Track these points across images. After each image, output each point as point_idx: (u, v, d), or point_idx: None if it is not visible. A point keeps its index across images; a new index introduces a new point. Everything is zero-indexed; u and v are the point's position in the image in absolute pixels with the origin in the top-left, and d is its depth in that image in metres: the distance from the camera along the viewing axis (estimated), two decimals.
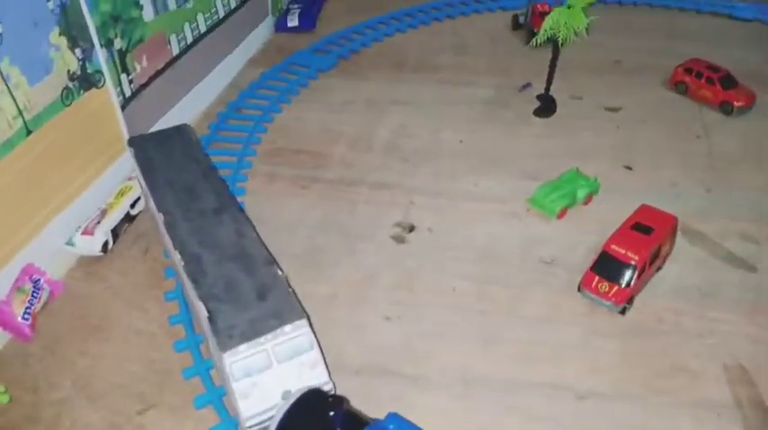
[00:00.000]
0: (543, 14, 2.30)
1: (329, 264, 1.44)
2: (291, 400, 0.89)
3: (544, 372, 1.20)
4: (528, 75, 2.13)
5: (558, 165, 1.66)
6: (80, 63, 1.47)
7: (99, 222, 1.47)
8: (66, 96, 1.44)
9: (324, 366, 1.03)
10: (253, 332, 1.02)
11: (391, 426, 0.85)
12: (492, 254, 1.45)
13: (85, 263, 1.46)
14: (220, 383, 1.16)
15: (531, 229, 1.52)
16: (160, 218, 1.25)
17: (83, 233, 1.45)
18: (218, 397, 1.14)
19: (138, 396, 1.17)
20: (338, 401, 0.80)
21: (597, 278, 1.30)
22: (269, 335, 1.01)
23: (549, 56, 1.86)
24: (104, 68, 1.55)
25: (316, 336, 1.05)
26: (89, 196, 1.52)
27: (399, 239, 1.51)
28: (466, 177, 1.69)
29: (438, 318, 1.30)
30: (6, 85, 1.26)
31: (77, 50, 1.46)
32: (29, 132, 1.33)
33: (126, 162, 1.64)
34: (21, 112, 1.31)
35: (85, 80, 1.50)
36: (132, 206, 1.56)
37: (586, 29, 1.71)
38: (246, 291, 1.09)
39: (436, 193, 1.64)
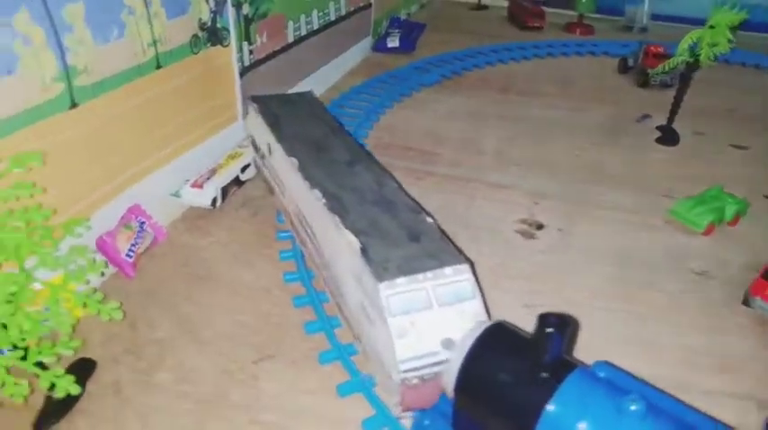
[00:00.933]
0: (657, 56, 2.26)
1: None
2: (475, 332, 0.74)
3: (716, 380, 1.02)
4: (642, 109, 2.06)
5: (694, 187, 1.53)
6: (211, 15, 1.43)
7: (209, 178, 1.38)
8: (195, 44, 1.38)
9: (487, 318, 0.88)
10: (410, 268, 0.88)
11: (602, 373, 0.69)
12: (635, 259, 1.31)
13: (191, 216, 1.36)
14: (353, 340, 1.01)
15: (675, 240, 1.38)
16: (292, 162, 1.15)
17: (192, 185, 1.35)
18: (346, 354, 1.00)
19: (252, 346, 1.03)
20: (560, 321, 0.65)
21: None
22: (429, 274, 0.88)
23: (662, 95, 1.79)
24: (231, 28, 1.51)
25: (479, 285, 0.90)
26: (200, 153, 1.43)
27: (527, 235, 1.38)
28: (591, 187, 1.57)
29: (586, 314, 1.15)
30: (147, 10, 1.21)
31: (211, 1, 1.41)
32: (158, 66, 1.27)
33: (236, 131, 1.57)
34: (155, 42, 1.25)
35: (213, 34, 1.45)
36: (242, 171, 1.46)
37: (728, 47, 1.62)
38: (395, 231, 0.96)
39: (561, 198, 1.52)
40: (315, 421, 0.91)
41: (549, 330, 0.65)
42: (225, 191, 1.40)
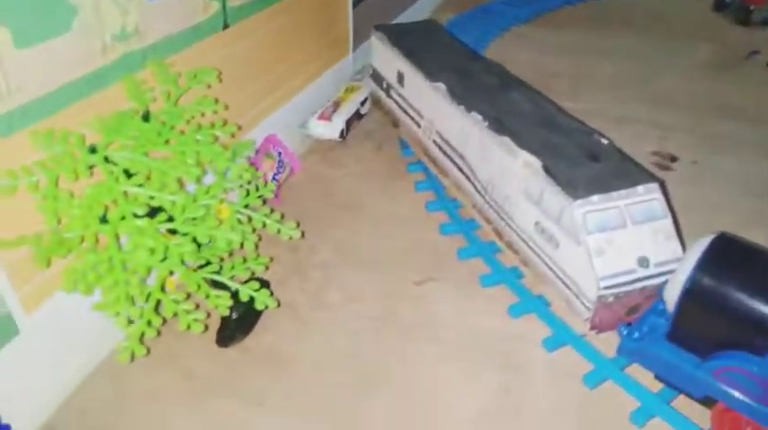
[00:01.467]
0: None
1: None
2: (702, 245, 0.71)
3: None
4: (745, 46, 1.97)
5: None
6: None
7: (335, 111, 1.36)
8: None
9: (678, 241, 0.86)
10: (600, 186, 0.85)
11: None
12: None
13: (319, 149, 1.35)
14: (513, 265, 1.00)
15: None
16: (438, 88, 1.12)
17: (319, 118, 1.33)
18: (513, 277, 0.98)
19: (410, 269, 1.02)
20: None
21: None
22: (622, 192, 0.85)
23: (764, 32, 1.70)
24: None
25: (672, 211, 0.88)
26: (319, 86, 1.41)
27: (662, 167, 1.34)
28: (716, 121, 1.52)
29: None
30: None
31: None
32: None
33: (348, 65, 1.54)
34: None
35: None
36: (362, 104, 1.44)
37: None
38: (572, 152, 0.93)
39: (688, 130, 1.47)
40: (493, 339, 0.90)
41: None
42: (349, 124, 1.37)
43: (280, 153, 1.22)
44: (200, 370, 0.85)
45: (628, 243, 0.83)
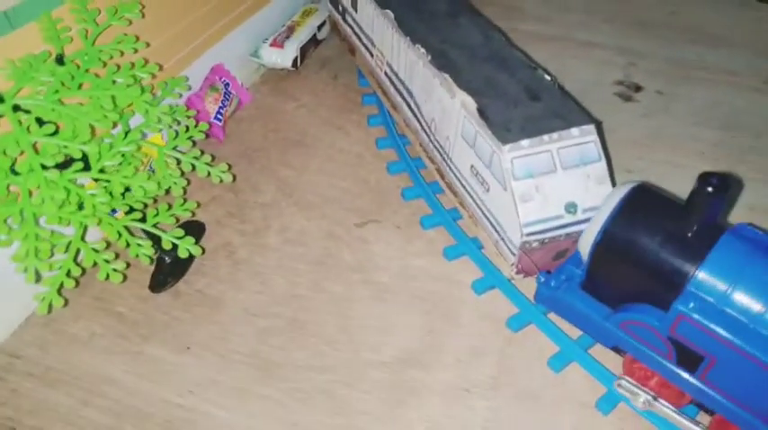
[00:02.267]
0: None
1: None
2: (619, 194, 0.70)
3: None
4: None
5: None
6: None
7: (288, 37, 1.30)
8: None
9: (610, 185, 0.84)
10: (534, 129, 0.83)
11: (750, 236, 0.65)
12: (738, 124, 1.23)
13: (271, 79, 1.31)
14: (453, 207, 0.99)
15: None
16: (387, 15, 1.07)
17: (271, 45, 1.28)
18: (450, 219, 0.98)
19: (354, 210, 1.02)
20: (722, 181, 0.60)
21: None
22: (554, 135, 0.83)
23: None
24: None
25: (606, 148, 0.86)
26: (272, 11, 1.35)
27: (625, 97, 1.30)
28: (687, 47, 1.46)
29: (690, 178, 1.09)
30: None
31: None
32: None
33: None
34: None
35: None
36: (318, 29, 1.38)
37: None
38: (513, 90, 0.90)
39: (657, 58, 1.41)
40: (426, 281, 0.91)
41: (709, 191, 0.61)
42: (303, 51, 1.33)
43: (227, 84, 1.18)
44: (133, 314, 0.86)
45: (556, 188, 0.82)
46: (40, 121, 0.72)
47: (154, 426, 0.75)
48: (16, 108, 0.71)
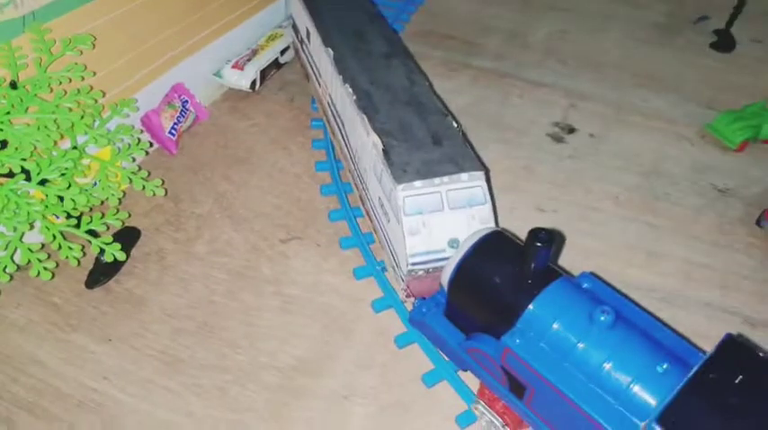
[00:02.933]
0: None
1: (476, 147, 1.34)
2: (474, 238, 0.81)
3: (711, 294, 1.08)
4: (704, 9, 1.94)
5: (739, 99, 1.49)
6: None
7: (249, 60, 1.42)
8: None
9: (494, 224, 0.94)
10: (428, 171, 0.94)
11: (586, 284, 0.75)
12: (660, 171, 1.32)
13: (231, 98, 1.42)
14: (369, 231, 1.10)
15: (704, 156, 1.37)
16: (327, 53, 1.17)
17: (233, 66, 1.40)
18: (364, 242, 1.08)
19: (281, 226, 1.13)
20: (548, 235, 0.71)
21: None
22: (445, 178, 0.93)
23: None
24: None
25: (492, 193, 0.96)
26: (240, 34, 1.46)
27: (557, 138, 1.40)
28: (633, 91, 1.55)
29: (598, 220, 1.20)
30: None
31: None
32: None
33: (275, 13, 1.57)
34: None
35: None
36: (282, 53, 1.49)
37: None
38: (421, 134, 1.01)
39: (600, 100, 1.51)
40: (333, 297, 1.02)
41: (537, 244, 0.71)
42: (264, 73, 1.44)
43: (186, 102, 1.30)
44: (67, 306, 0.98)
45: (442, 225, 0.92)
46: None
47: (69, 405, 0.86)
48: None
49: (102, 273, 1.00)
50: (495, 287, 0.76)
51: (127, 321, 0.96)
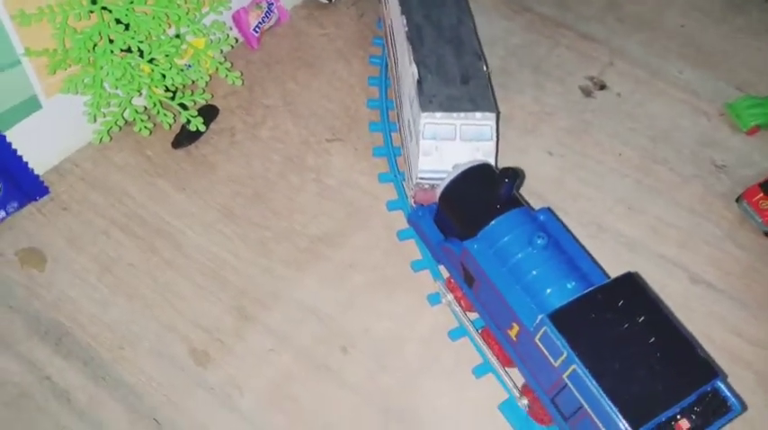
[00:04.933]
0: None
1: (512, 89, 1.52)
2: (465, 166, 1.04)
3: (669, 250, 1.27)
4: None
5: None
6: None
7: None
8: None
9: (494, 159, 1.16)
10: (449, 106, 1.15)
11: (542, 217, 0.98)
12: (668, 138, 1.48)
13: (310, 6, 1.63)
14: (398, 145, 1.33)
15: (715, 132, 1.51)
16: None
17: None
18: (392, 154, 1.32)
19: (329, 127, 1.37)
20: (514, 173, 0.93)
21: (762, 194, 1.32)
22: (462, 114, 1.14)
23: None
24: None
25: (498, 133, 1.17)
26: None
27: (586, 92, 1.56)
28: (674, 60, 1.66)
29: (597, 171, 1.39)
30: None
31: None
32: None
33: None
34: None
35: None
36: None
37: None
38: (453, 71, 1.21)
39: (638, 64, 1.63)
40: (358, 192, 1.27)
41: (504, 179, 0.94)
42: None
43: (271, 4, 1.52)
44: (156, 158, 1.27)
45: (451, 152, 1.14)
46: (117, 21, 1.09)
47: (150, 231, 1.17)
48: (104, 8, 1.08)
49: (185, 138, 1.28)
50: (471, 205, 1.00)
51: (199, 179, 1.25)
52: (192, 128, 1.21)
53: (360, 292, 1.14)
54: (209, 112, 1.32)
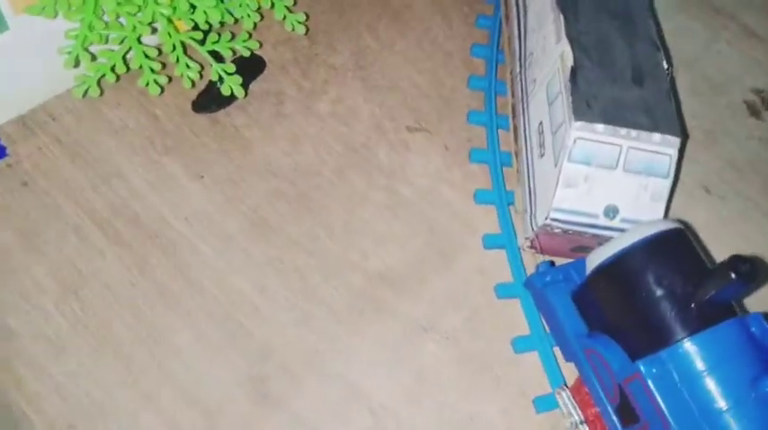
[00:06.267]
0: None
1: None
2: (645, 229, 0.65)
3: None
4: None
5: None
6: None
7: None
8: None
9: (664, 208, 0.77)
10: (615, 115, 0.76)
11: (753, 328, 0.60)
12: None
13: None
14: (509, 150, 0.94)
15: None
16: None
17: None
18: (498, 162, 0.93)
19: (413, 111, 0.98)
20: (751, 268, 0.55)
21: None
22: (633, 132, 0.75)
23: None
24: None
25: (679, 168, 0.78)
26: None
27: (754, 110, 1.15)
28: None
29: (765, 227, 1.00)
30: None
31: None
32: None
33: None
34: None
35: None
36: None
37: None
38: (621, 62, 0.81)
39: None
40: (444, 213, 0.89)
41: (732, 275, 0.55)
42: None
43: None
44: (167, 123, 0.89)
45: (606, 186, 0.76)
46: None
47: (143, 236, 0.80)
48: None
49: (213, 100, 0.90)
50: (652, 298, 0.62)
51: (225, 162, 0.87)
52: (226, 91, 0.82)
53: (431, 374, 0.77)
54: (251, 67, 0.92)
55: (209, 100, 0.90)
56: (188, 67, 0.79)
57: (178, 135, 0.88)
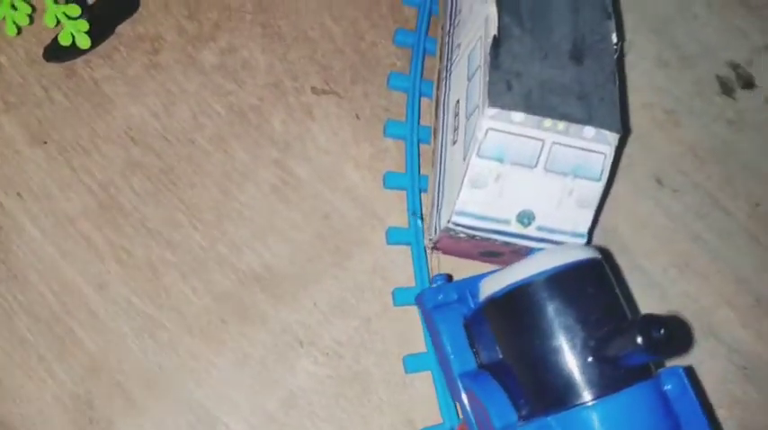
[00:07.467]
0: None
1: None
2: (563, 258, 0.52)
3: None
4: None
5: None
6: None
7: None
8: None
9: (591, 217, 0.64)
10: (541, 101, 0.61)
11: (668, 385, 0.49)
12: None
13: None
14: (430, 125, 0.79)
15: None
16: None
17: None
18: (415, 139, 0.78)
19: (322, 68, 0.82)
20: (668, 326, 0.42)
21: None
22: (561, 124, 0.61)
23: None
24: None
25: (615, 168, 0.64)
26: None
27: (726, 88, 1.00)
28: None
29: (720, 228, 0.87)
30: None
31: None
32: None
33: None
34: None
35: None
36: None
37: None
38: (560, 30, 0.66)
39: None
40: (345, 200, 0.75)
41: (639, 341, 0.43)
42: None
43: None
44: (12, 72, 0.73)
45: (522, 188, 0.62)
46: None
47: None
48: None
49: (68, 49, 0.73)
50: (552, 346, 0.49)
51: (77, 124, 0.72)
52: (64, 39, 0.65)
53: (302, 399, 0.65)
54: (121, 3, 0.75)
55: (62, 49, 0.73)
56: (14, 7, 0.62)
57: (22, 87, 0.72)
